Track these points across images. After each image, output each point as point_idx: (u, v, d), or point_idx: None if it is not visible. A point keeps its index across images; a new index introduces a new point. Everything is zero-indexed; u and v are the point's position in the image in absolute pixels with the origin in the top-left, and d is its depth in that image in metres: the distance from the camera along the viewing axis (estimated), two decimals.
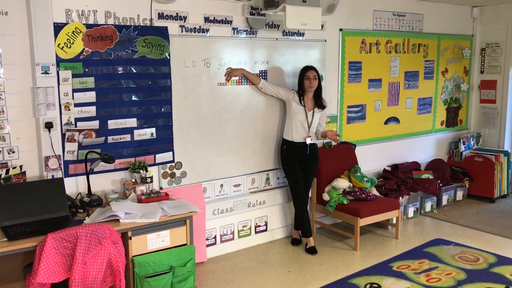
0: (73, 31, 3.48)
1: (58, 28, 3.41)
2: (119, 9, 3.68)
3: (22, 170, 3.40)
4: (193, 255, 3.41)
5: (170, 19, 3.95)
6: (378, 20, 5.52)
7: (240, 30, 4.38)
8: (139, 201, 3.57)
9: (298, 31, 4.80)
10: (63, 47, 3.45)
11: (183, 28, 4.04)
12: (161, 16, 3.89)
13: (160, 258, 3.26)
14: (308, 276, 4.09)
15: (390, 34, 5.67)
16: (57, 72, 3.45)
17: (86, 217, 3.26)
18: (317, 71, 4.53)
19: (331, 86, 5.19)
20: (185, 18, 4.03)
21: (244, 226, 4.66)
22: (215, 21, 4.21)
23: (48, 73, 3.40)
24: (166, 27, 3.90)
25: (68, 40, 3.47)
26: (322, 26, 4.95)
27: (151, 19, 3.85)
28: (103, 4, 3.61)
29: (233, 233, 4.60)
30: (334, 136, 4.63)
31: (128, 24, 3.74)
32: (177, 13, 3.97)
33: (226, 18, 4.27)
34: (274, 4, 4.13)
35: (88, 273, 2.91)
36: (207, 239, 4.40)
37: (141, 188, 3.74)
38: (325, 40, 5.04)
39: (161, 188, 4.08)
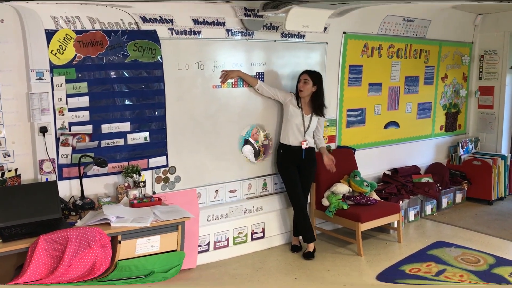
0: (64, 37, 3.50)
1: (49, 34, 3.44)
2: (100, 14, 3.61)
3: (17, 173, 3.44)
4: (181, 262, 3.36)
5: (156, 22, 3.87)
6: (385, 25, 5.43)
7: (235, 31, 4.27)
8: (132, 205, 3.56)
9: (299, 33, 4.68)
10: (56, 53, 3.49)
11: (173, 31, 3.96)
12: (145, 19, 3.81)
13: (145, 263, 3.21)
14: (318, 282, 3.97)
15: (393, 39, 5.63)
16: (51, 78, 3.49)
17: (78, 220, 3.28)
18: (313, 76, 4.42)
19: (331, 89, 5.08)
20: (171, 20, 3.94)
21: (239, 233, 4.56)
22: (205, 23, 4.10)
23: (42, 79, 3.45)
24: (155, 30, 3.85)
25: (61, 47, 3.50)
26: (325, 28, 4.80)
27: (136, 23, 3.78)
28: (82, 10, 3.54)
29: (227, 239, 4.49)
30: (330, 163, 4.58)
31: (115, 28, 3.70)
32: (160, 16, 3.88)
33: (217, 20, 4.15)
34: (275, 5, 3.97)
35: (67, 274, 2.89)
36: (199, 246, 4.27)
37: (134, 193, 3.73)
38: (326, 43, 4.94)
39: (154, 193, 4.03)
